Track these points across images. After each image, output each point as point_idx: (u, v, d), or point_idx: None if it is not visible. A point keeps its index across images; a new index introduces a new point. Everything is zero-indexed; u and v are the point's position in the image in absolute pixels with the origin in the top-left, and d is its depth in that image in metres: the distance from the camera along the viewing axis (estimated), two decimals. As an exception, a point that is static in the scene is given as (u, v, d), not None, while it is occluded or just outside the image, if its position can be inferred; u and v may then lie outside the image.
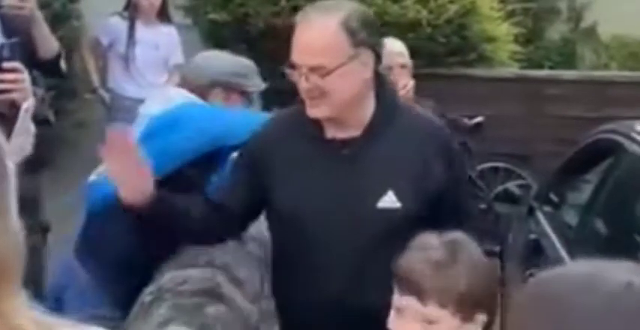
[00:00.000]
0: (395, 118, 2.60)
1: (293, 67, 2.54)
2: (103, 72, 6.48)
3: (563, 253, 3.63)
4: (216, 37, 7.17)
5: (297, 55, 2.53)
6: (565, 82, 7.07)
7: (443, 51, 6.82)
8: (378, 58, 2.57)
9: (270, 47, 7.02)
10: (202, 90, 3.36)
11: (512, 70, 7.50)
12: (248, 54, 7.04)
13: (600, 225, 3.62)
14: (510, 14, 7.84)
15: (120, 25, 6.25)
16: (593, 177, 3.90)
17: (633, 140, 3.45)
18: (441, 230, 2.41)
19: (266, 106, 6.53)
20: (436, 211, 2.54)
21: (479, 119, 6.30)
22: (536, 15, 10.10)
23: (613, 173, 3.59)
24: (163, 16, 6.30)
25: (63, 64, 4.02)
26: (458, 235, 2.13)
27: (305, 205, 2.56)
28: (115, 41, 6.28)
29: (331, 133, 2.60)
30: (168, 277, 2.90)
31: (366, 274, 2.50)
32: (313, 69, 2.51)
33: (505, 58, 7.53)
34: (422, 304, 2.02)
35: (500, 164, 6.77)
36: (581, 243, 3.64)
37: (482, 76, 7.05)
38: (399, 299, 2.06)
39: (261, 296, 3.30)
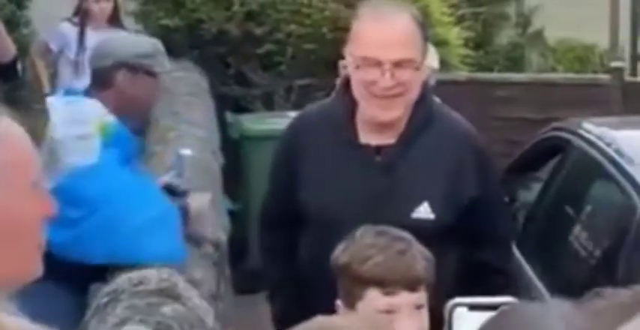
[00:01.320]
0: (431, 125, 2.52)
1: (356, 64, 2.43)
2: (53, 78, 6.44)
3: (514, 249, 3.69)
4: (168, 43, 7.15)
5: (381, 50, 2.41)
6: (514, 84, 7.18)
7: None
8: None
9: (222, 53, 7.05)
10: (107, 72, 3.29)
11: (464, 73, 7.59)
12: (200, 60, 7.11)
13: (549, 220, 3.69)
14: (460, 19, 7.93)
15: (70, 31, 6.22)
16: (543, 174, 3.98)
17: (581, 137, 3.53)
18: (470, 243, 2.45)
19: (219, 111, 6.57)
20: (467, 223, 2.50)
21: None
22: (485, 21, 10.23)
23: (561, 169, 3.67)
24: (115, 21, 6.27)
25: (19, 67, 4.02)
26: (381, 227, 2.15)
27: (336, 211, 2.50)
28: (64, 47, 6.24)
29: (365, 138, 2.52)
30: (124, 278, 2.90)
31: None
32: (398, 64, 2.41)
33: (456, 62, 7.62)
34: (413, 293, 2.05)
35: None
36: (530, 239, 3.71)
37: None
38: (389, 300, 2.03)
39: (217, 297, 3.32)
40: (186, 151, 3.81)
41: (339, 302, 2.11)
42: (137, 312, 2.59)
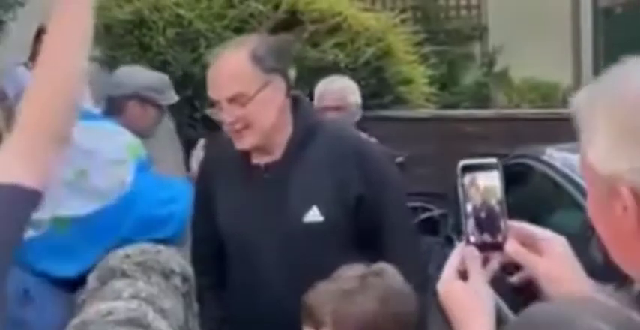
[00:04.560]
0: (313, 137, 2.73)
1: (213, 105, 2.67)
2: (9, 123, 6.42)
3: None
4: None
5: (213, 89, 2.66)
6: (480, 120, 7.26)
7: (362, 93, 6.95)
8: (288, 82, 2.72)
9: (189, 95, 7.08)
10: (121, 101, 3.62)
11: (429, 110, 7.67)
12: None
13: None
14: (425, 58, 8.03)
15: (26, 75, 6.18)
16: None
17: (542, 162, 3.59)
18: (365, 243, 2.51)
19: (187, 153, 6.56)
20: (359, 223, 2.66)
21: (400, 159, 6.40)
22: (451, 61, 10.36)
23: (523, 194, 3.72)
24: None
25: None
26: (381, 266, 2.15)
27: (238, 230, 2.74)
28: (21, 92, 6.19)
29: (256, 158, 2.76)
30: (93, 309, 2.89)
31: (301, 287, 2.55)
32: (232, 100, 2.63)
33: (421, 101, 7.70)
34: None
35: (417, 204, 6.85)
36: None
37: (400, 117, 7.20)
38: None
39: (185, 329, 3.31)
40: None
41: None
42: (106, 341, 2.59)
